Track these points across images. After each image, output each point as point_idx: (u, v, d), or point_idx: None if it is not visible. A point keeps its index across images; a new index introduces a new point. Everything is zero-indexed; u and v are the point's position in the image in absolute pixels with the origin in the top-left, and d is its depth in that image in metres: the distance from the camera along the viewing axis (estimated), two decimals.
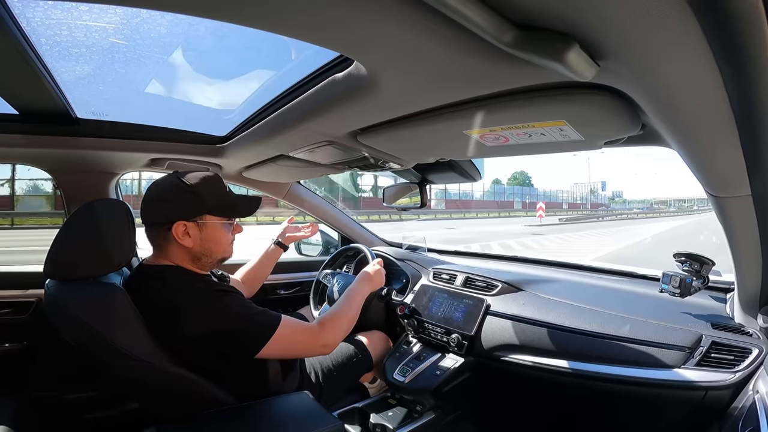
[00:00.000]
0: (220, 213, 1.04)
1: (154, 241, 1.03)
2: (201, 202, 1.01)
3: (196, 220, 1.01)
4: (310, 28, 0.51)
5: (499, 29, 0.42)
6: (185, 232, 1.00)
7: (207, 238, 1.03)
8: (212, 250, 1.05)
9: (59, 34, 0.79)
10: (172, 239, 1.00)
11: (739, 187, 0.73)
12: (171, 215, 0.99)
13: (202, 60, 1.06)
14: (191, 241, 1.01)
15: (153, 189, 1.02)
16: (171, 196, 1.00)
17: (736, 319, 1.08)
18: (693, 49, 0.40)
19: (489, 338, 1.34)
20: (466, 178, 1.40)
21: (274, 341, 0.96)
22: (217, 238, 1.05)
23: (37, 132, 1.18)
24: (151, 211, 1.01)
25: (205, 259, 1.05)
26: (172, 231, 0.99)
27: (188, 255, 1.03)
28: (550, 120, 0.70)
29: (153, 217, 1.01)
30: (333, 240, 2.28)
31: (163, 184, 1.02)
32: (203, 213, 1.02)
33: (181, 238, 0.99)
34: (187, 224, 1.00)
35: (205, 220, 1.02)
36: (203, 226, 1.02)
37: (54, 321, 0.91)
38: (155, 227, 1.02)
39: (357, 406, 1.36)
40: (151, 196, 1.01)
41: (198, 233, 1.01)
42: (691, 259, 1.15)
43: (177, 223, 0.99)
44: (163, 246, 1.02)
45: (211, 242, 1.04)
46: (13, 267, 1.62)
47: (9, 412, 1.16)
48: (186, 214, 1.00)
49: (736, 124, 0.53)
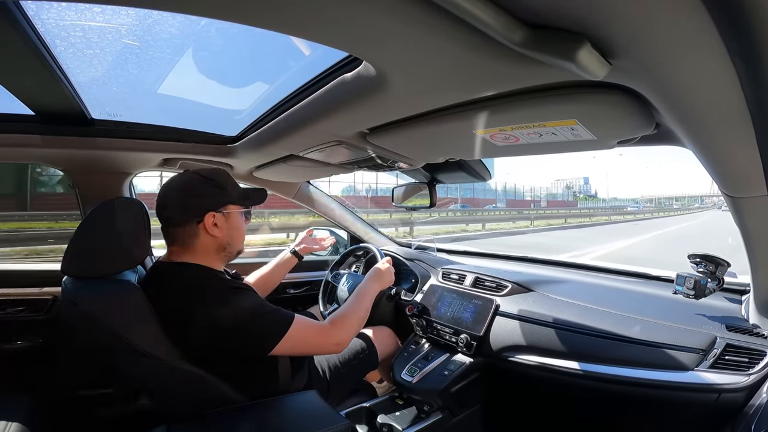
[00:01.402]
0: (240, 202, 1.10)
1: (181, 237, 1.05)
2: (225, 194, 1.08)
3: (222, 210, 1.06)
4: (318, 28, 0.51)
5: (509, 28, 0.42)
6: (213, 223, 1.05)
7: (232, 227, 1.09)
8: (235, 238, 1.11)
9: (73, 35, 0.80)
10: (201, 232, 1.04)
11: (755, 187, 0.71)
12: (202, 208, 1.04)
13: (213, 60, 1.07)
14: (220, 231, 1.06)
15: (174, 187, 1.06)
16: (198, 190, 1.05)
17: (751, 321, 1.05)
18: (707, 46, 0.39)
19: (498, 339, 1.33)
20: (476, 177, 1.40)
21: (286, 340, 0.98)
22: (238, 226, 1.11)
23: (53, 133, 1.20)
24: (179, 208, 1.04)
25: (229, 248, 1.10)
26: (204, 223, 1.04)
27: (215, 246, 1.07)
28: (562, 119, 0.69)
29: (181, 213, 1.04)
30: (342, 239, 2.29)
31: (185, 181, 1.07)
32: (228, 203, 1.07)
33: (211, 229, 1.04)
34: (216, 215, 1.05)
35: (229, 209, 1.07)
36: (228, 216, 1.07)
37: (70, 318, 0.92)
38: (184, 223, 1.04)
39: (365, 406, 1.36)
40: (174, 194, 1.05)
41: (225, 223, 1.07)
42: (706, 260, 1.13)
43: (208, 214, 1.04)
44: (188, 241, 1.05)
45: (235, 231, 1.10)
46: (30, 265, 1.65)
47: (24, 410, 1.19)
48: (215, 205, 1.05)
49: (753, 123, 0.52)
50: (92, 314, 0.89)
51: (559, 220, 25.89)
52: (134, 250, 1.02)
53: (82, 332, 0.92)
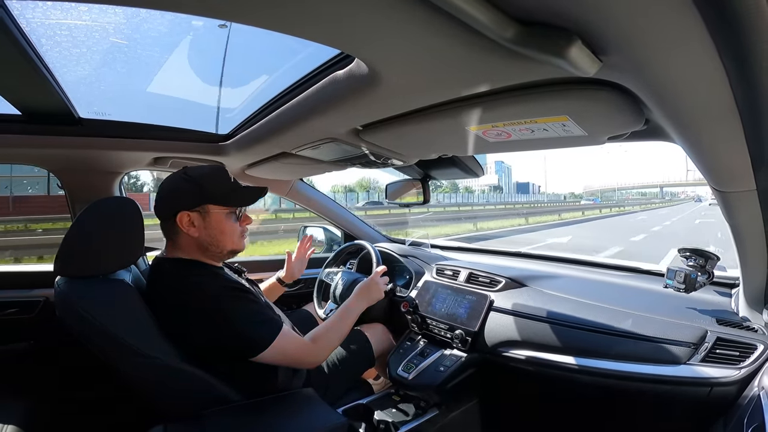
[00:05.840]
0: (220, 202, 1.07)
1: (167, 234, 1.08)
2: (201, 192, 1.05)
3: (198, 209, 1.05)
4: (310, 26, 0.51)
5: (500, 25, 0.42)
6: (190, 222, 1.04)
7: (211, 227, 1.07)
8: (218, 239, 1.08)
9: (59, 34, 0.80)
10: (179, 230, 1.04)
11: (744, 182, 0.73)
12: (174, 206, 1.04)
13: (203, 59, 1.06)
14: (197, 231, 1.05)
15: (162, 185, 1.09)
16: (174, 188, 1.06)
17: (741, 314, 1.07)
18: (697, 44, 0.39)
19: (493, 334, 1.34)
20: (468, 173, 1.40)
21: (270, 350, 1.00)
22: (222, 227, 1.08)
23: (40, 132, 1.18)
24: (161, 205, 1.07)
25: (213, 248, 1.08)
26: (177, 221, 1.03)
27: (196, 245, 1.07)
28: (553, 115, 0.70)
29: (162, 211, 1.07)
30: (336, 237, 2.29)
31: (170, 178, 1.09)
32: (204, 202, 1.05)
33: (186, 228, 1.04)
34: (190, 214, 1.04)
35: (207, 209, 1.06)
36: (206, 215, 1.06)
37: (64, 318, 0.92)
38: (164, 220, 1.07)
39: (361, 403, 1.36)
40: (160, 191, 1.08)
41: (202, 222, 1.06)
42: (696, 254, 1.14)
43: (180, 213, 1.03)
44: (174, 238, 1.08)
45: (216, 231, 1.07)
46: (19, 267, 1.63)
47: (19, 412, 1.18)
48: (188, 204, 1.04)
49: (741, 119, 0.53)
50: (86, 314, 0.88)
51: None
52: (127, 249, 1.02)
53: (76, 333, 0.91)
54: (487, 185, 78.54)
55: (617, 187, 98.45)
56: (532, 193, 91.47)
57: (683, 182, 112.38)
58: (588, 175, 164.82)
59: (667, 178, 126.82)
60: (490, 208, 25.66)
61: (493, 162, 69.16)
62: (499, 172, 76.78)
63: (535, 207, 29.66)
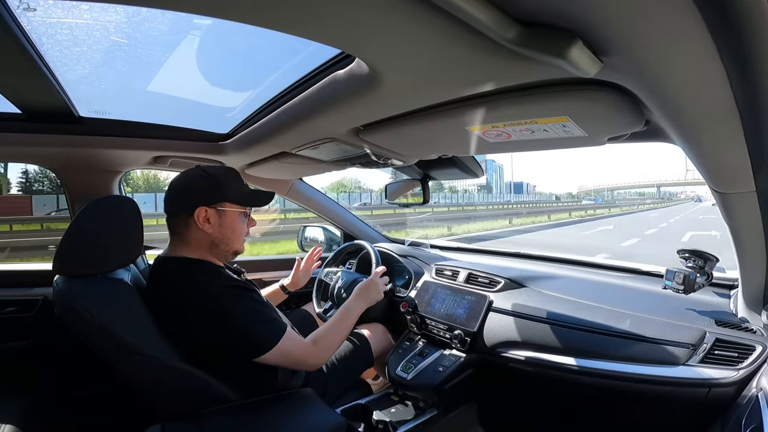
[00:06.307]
0: (238, 201, 1.09)
1: (176, 229, 1.08)
2: (221, 190, 1.07)
3: (216, 206, 1.06)
4: (311, 25, 0.51)
5: (501, 26, 0.42)
6: (206, 219, 1.05)
7: (225, 225, 1.08)
8: (229, 238, 1.09)
9: (60, 32, 0.79)
10: (193, 225, 1.05)
11: (743, 183, 0.73)
12: (194, 201, 1.04)
13: (204, 58, 1.06)
14: (211, 228, 1.05)
15: (177, 180, 1.09)
16: (194, 184, 1.07)
17: (740, 316, 1.07)
18: (697, 45, 0.39)
19: (492, 335, 1.34)
20: (468, 174, 1.40)
21: (274, 351, 1.00)
22: (234, 226, 1.10)
23: (40, 131, 1.18)
24: (176, 199, 1.07)
25: (222, 246, 1.09)
26: (194, 216, 1.04)
27: (207, 242, 1.07)
28: (553, 116, 0.70)
29: (176, 205, 1.07)
30: (336, 237, 2.29)
31: (187, 175, 1.09)
32: (223, 200, 1.07)
33: (201, 223, 1.04)
34: (208, 210, 1.05)
35: (224, 207, 1.07)
36: (222, 213, 1.07)
37: (63, 317, 0.92)
38: (178, 214, 1.06)
39: (360, 403, 1.36)
40: (175, 186, 1.08)
41: (217, 219, 1.06)
42: (695, 255, 1.14)
43: (199, 208, 1.04)
44: (183, 234, 1.07)
45: (229, 230, 1.09)
46: (18, 265, 1.63)
47: (15, 411, 1.17)
48: (207, 200, 1.05)
49: (741, 120, 0.53)
50: (85, 313, 0.88)
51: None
52: (126, 248, 1.02)
53: (75, 331, 0.91)
54: (475, 185, 77.94)
55: (615, 187, 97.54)
56: (527, 193, 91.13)
57: (681, 181, 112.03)
58: (583, 175, 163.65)
59: (665, 178, 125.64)
60: (482, 209, 25.64)
61: (483, 161, 68.43)
62: (489, 171, 75.83)
63: (533, 207, 29.88)
